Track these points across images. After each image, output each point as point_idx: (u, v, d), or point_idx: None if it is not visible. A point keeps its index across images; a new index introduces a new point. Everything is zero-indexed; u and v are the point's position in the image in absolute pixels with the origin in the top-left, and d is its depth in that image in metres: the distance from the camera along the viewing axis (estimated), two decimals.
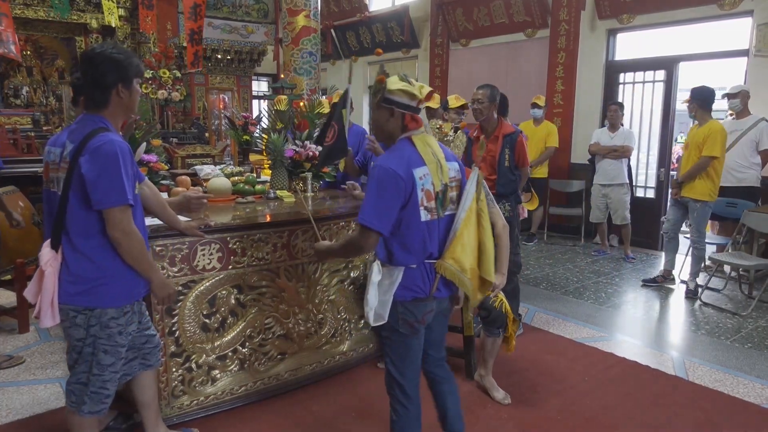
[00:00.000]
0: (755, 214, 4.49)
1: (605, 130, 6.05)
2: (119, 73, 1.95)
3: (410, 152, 1.91)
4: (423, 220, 1.90)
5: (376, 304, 1.95)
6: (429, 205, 1.91)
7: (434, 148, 1.97)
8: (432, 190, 1.91)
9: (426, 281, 1.96)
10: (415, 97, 1.92)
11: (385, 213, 1.84)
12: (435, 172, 1.92)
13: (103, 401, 2.08)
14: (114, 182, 1.87)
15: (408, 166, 1.86)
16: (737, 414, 2.82)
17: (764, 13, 5.23)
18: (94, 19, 6.97)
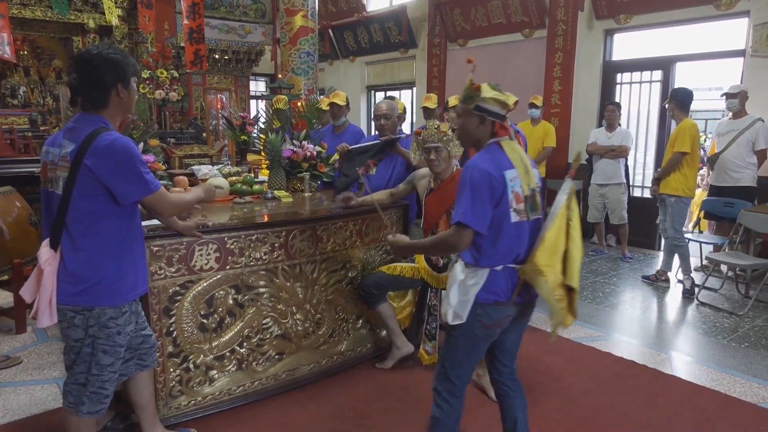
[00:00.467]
0: (752, 214, 4.50)
1: (603, 130, 6.07)
2: (118, 73, 1.96)
3: (500, 155, 1.96)
4: (513, 221, 1.94)
5: (456, 303, 1.96)
6: (518, 207, 1.95)
7: (521, 154, 2.01)
8: (521, 193, 1.95)
9: (509, 285, 1.97)
10: (506, 106, 1.98)
11: (481, 212, 1.88)
12: (523, 176, 1.97)
13: (102, 401, 2.07)
14: (136, 175, 1.92)
15: (500, 168, 1.92)
16: (734, 413, 2.83)
17: (760, 14, 5.25)
18: (92, 19, 6.96)
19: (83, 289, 1.94)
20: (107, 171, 1.88)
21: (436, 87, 8.66)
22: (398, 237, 2.28)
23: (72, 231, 1.93)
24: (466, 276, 1.96)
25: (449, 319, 1.97)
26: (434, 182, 3.04)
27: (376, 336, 3.41)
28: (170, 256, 2.48)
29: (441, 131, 2.90)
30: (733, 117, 5.14)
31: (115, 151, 1.88)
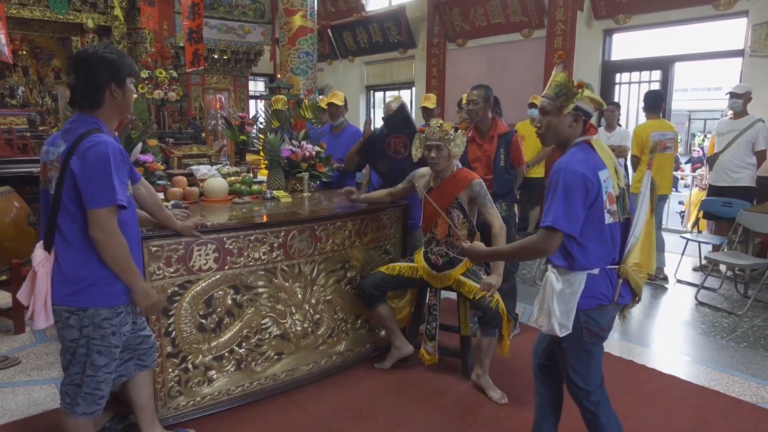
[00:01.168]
0: (750, 214, 4.51)
1: (602, 130, 6.06)
2: (112, 72, 1.95)
3: (593, 155, 1.92)
4: (607, 223, 1.90)
5: (559, 314, 1.90)
6: (612, 209, 1.92)
7: (610, 152, 1.98)
8: (613, 194, 1.92)
9: (609, 287, 1.94)
10: (601, 105, 1.98)
11: (574, 215, 1.83)
12: (614, 175, 1.94)
13: (97, 402, 2.07)
14: (104, 182, 1.86)
15: (594, 169, 1.87)
16: (732, 413, 2.83)
17: (759, 14, 5.25)
18: (90, 19, 6.96)
19: (78, 289, 1.93)
20: (81, 173, 1.86)
21: (435, 87, 8.66)
22: (475, 244, 2.20)
23: (65, 232, 1.93)
24: (563, 284, 1.90)
25: (557, 332, 1.90)
26: (434, 181, 3.04)
27: (375, 336, 3.41)
28: (169, 257, 2.48)
29: (443, 130, 2.90)
30: (734, 117, 5.14)
31: (92, 154, 1.85)
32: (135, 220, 2.13)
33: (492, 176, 3.62)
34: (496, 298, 2.85)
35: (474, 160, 3.70)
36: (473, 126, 3.77)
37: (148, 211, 2.35)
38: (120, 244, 1.93)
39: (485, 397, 2.94)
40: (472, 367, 3.11)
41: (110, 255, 1.92)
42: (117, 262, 1.94)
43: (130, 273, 1.99)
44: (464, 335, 3.18)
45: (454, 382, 3.11)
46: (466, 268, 3.00)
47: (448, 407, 2.85)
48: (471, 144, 3.75)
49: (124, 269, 1.97)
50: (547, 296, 1.92)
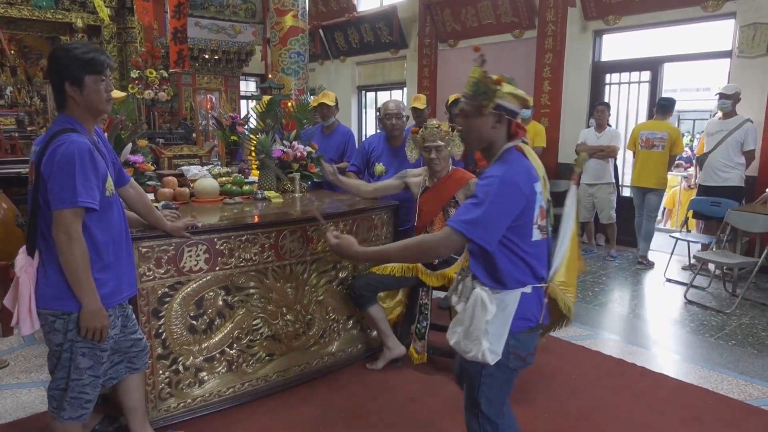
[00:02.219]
0: (739, 213, 4.55)
1: (592, 130, 6.10)
2: (67, 69, 1.86)
3: (527, 164, 1.74)
4: (534, 240, 1.73)
5: (493, 339, 1.69)
6: (542, 224, 1.75)
7: (539, 161, 1.80)
8: (545, 207, 1.77)
9: (539, 307, 1.79)
10: (526, 102, 1.77)
11: (493, 226, 1.63)
12: (544, 187, 1.78)
13: (84, 406, 2.03)
14: (66, 183, 1.79)
15: (529, 180, 1.69)
16: (721, 410, 2.86)
17: (746, 15, 5.31)
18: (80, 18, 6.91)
19: (62, 293, 1.90)
20: (47, 174, 1.82)
21: (427, 87, 8.67)
22: (343, 239, 1.94)
23: (47, 235, 1.89)
24: (497, 305, 1.70)
25: (488, 360, 1.70)
26: (430, 181, 3.05)
27: (366, 336, 3.41)
28: (159, 258, 2.46)
29: (442, 130, 2.91)
30: (723, 117, 5.19)
31: (57, 155, 1.81)
32: (122, 222, 2.09)
33: None
34: None
35: (480, 159, 3.72)
36: None
37: (137, 212, 2.33)
38: (80, 250, 1.83)
39: None
40: None
41: (67, 260, 1.83)
42: (72, 269, 1.83)
43: (84, 285, 1.86)
44: None
45: (445, 382, 3.11)
46: (461, 267, 3.01)
47: (440, 407, 2.85)
48: None
49: (78, 279, 1.84)
50: (478, 319, 1.69)
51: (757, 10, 5.24)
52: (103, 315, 1.94)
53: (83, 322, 1.91)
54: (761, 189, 5.02)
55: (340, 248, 1.93)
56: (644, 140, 5.61)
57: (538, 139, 6.45)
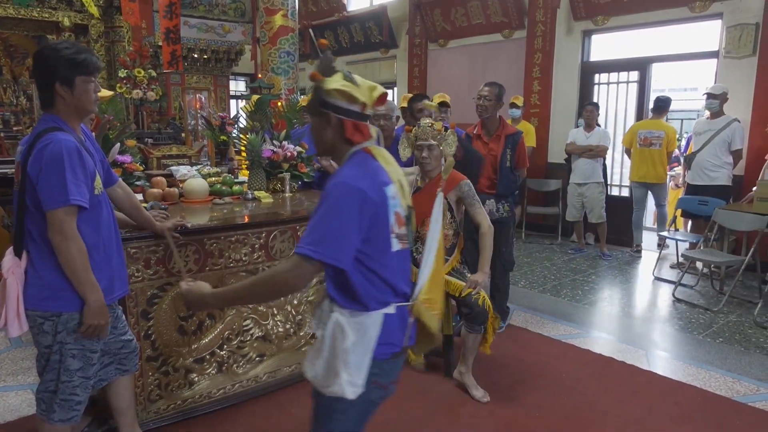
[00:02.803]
0: (726, 212, 4.60)
1: (581, 129, 6.14)
2: (58, 69, 1.85)
3: (375, 166, 1.54)
4: (394, 250, 1.53)
5: (353, 370, 1.45)
6: (400, 232, 1.55)
7: (395, 164, 1.60)
8: (402, 214, 1.56)
9: (403, 329, 1.58)
10: (355, 100, 1.49)
11: (337, 240, 1.41)
12: (401, 191, 1.58)
13: (74, 408, 2.01)
14: (57, 182, 1.78)
15: (378, 183, 1.50)
16: (709, 407, 2.88)
17: (733, 16, 5.36)
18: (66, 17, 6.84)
19: (51, 294, 1.88)
20: (35, 174, 1.80)
21: (417, 87, 8.68)
22: (194, 286, 1.63)
23: (35, 236, 1.87)
24: (356, 331, 1.47)
25: (347, 394, 1.45)
26: (421, 180, 3.05)
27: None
28: (148, 258, 2.44)
29: (435, 129, 2.90)
30: (711, 117, 5.24)
31: (45, 154, 1.79)
32: (111, 221, 2.08)
33: (497, 176, 3.63)
34: (483, 295, 2.87)
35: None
36: (479, 123, 3.77)
37: (125, 212, 2.31)
38: (77, 248, 1.83)
39: (468, 395, 2.95)
40: (454, 366, 3.12)
41: (65, 259, 1.82)
42: (72, 268, 1.83)
43: (86, 282, 1.86)
44: (446, 334, 3.19)
45: (436, 381, 3.12)
46: (452, 267, 3.01)
47: (431, 406, 2.86)
48: (476, 141, 3.75)
49: (79, 277, 1.85)
50: (336, 348, 1.46)
51: (744, 11, 5.30)
52: (106, 311, 1.95)
53: (87, 318, 1.90)
54: (748, 188, 5.07)
55: (189, 295, 1.61)
56: (642, 139, 5.85)
57: (528, 138, 6.48)
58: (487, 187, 3.60)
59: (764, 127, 5.21)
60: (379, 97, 1.54)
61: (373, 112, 3.72)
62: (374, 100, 1.54)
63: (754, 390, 3.08)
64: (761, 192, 4.43)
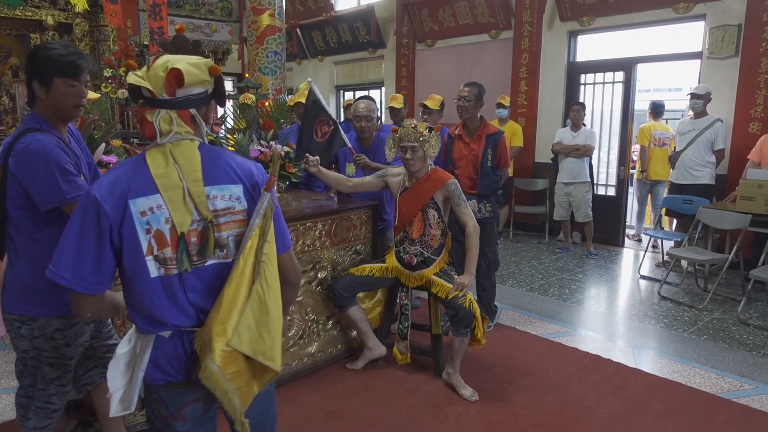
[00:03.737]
0: (709, 211, 4.66)
1: (568, 129, 6.19)
2: (38, 68, 1.82)
3: (131, 170, 1.31)
4: (154, 276, 1.30)
5: (120, 387, 1.37)
6: (162, 255, 1.30)
7: (183, 166, 1.32)
8: (168, 232, 1.30)
9: (182, 357, 1.35)
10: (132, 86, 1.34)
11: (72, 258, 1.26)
12: (177, 204, 1.30)
13: (49, 416, 1.98)
14: (48, 182, 1.75)
15: (115, 193, 1.27)
16: (694, 403, 2.92)
17: (716, 17, 5.43)
18: (50, 16, 6.75)
19: (28, 297, 1.85)
20: (23, 176, 1.77)
21: (405, 87, 8.69)
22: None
23: (15, 239, 1.85)
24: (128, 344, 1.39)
25: (113, 409, 1.38)
26: (409, 181, 3.05)
27: (346, 337, 3.40)
28: None
29: (418, 131, 2.91)
30: (695, 117, 5.31)
31: (28, 154, 1.76)
32: None
33: (478, 176, 3.64)
34: (469, 297, 2.88)
35: (459, 158, 3.71)
36: (461, 123, 3.78)
37: None
38: None
39: (456, 394, 2.96)
40: (443, 366, 3.13)
41: None
42: None
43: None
44: (435, 334, 3.21)
45: (425, 381, 3.12)
46: (439, 268, 3.02)
47: (420, 406, 2.86)
48: (457, 142, 3.76)
49: None
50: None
51: (726, 13, 5.37)
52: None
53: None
54: (731, 187, 5.14)
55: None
56: (657, 139, 6.33)
57: (516, 138, 6.53)
58: (468, 187, 3.61)
59: (746, 127, 5.29)
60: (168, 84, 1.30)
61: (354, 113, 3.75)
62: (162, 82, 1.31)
63: (737, 386, 3.12)
64: (744, 191, 4.49)
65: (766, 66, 5.12)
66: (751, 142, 5.05)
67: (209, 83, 1.38)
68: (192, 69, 1.32)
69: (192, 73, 1.32)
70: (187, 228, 1.31)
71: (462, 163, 3.70)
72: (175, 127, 1.32)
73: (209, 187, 1.33)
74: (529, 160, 7.06)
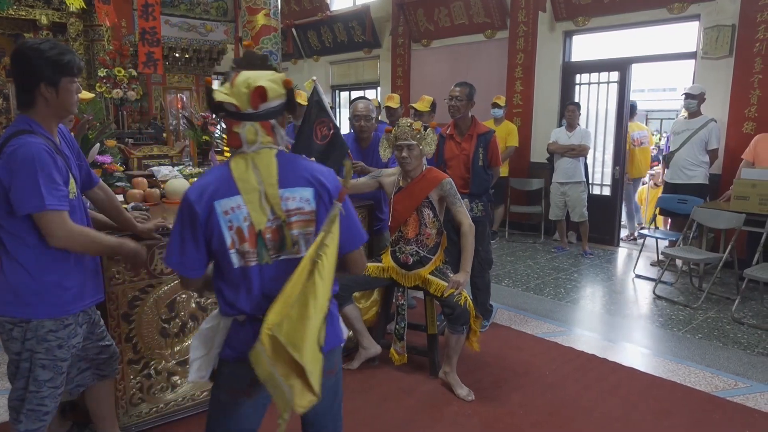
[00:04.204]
0: (704, 210, 4.68)
1: (563, 129, 6.20)
2: (43, 71, 1.81)
3: (220, 175, 1.51)
4: (236, 267, 1.50)
5: (200, 355, 1.61)
6: (243, 249, 1.49)
7: (262, 172, 1.49)
8: (247, 229, 1.48)
9: (252, 341, 1.42)
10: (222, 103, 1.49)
11: (177, 249, 1.51)
12: (255, 205, 1.48)
13: (41, 419, 1.96)
14: (30, 186, 1.74)
15: (205, 194, 1.47)
16: (689, 402, 2.93)
17: (710, 18, 5.46)
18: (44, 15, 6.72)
19: (19, 300, 1.83)
20: (7, 178, 1.76)
21: (400, 87, 8.69)
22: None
23: (5, 241, 1.83)
24: (211, 322, 1.62)
25: (191, 376, 1.63)
26: (403, 180, 3.05)
27: None
28: None
29: (414, 129, 2.90)
30: (689, 116, 5.33)
31: (16, 157, 1.74)
32: (84, 224, 2.02)
33: (470, 176, 3.65)
34: (464, 295, 2.88)
35: (451, 158, 3.72)
36: (452, 123, 3.79)
37: (106, 214, 2.27)
38: (81, 236, 1.86)
39: (452, 394, 2.96)
40: (439, 365, 3.14)
41: (81, 250, 1.91)
42: (92, 251, 1.96)
43: (110, 248, 2.00)
44: (431, 333, 3.21)
45: (421, 381, 3.13)
46: (435, 267, 3.03)
47: (416, 405, 2.86)
48: (449, 141, 3.76)
49: (103, 250, 2.02)
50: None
51: (720, 13, 5.39)
52: (140, 249, 2.10)
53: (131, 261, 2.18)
54: (725, 187, 5.17)
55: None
56: (635, 139, 6.58)
57: (511, 138, 6.54)
58: (460, 186, 3.62)
59: (740, 127, 5.31)
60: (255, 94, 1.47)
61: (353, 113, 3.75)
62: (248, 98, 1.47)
63: (732, 384, 3.14)
64: (738, 190, 4.51)
65: (760, 66, 5.14)
66: (744, 142, 5.07)
67: (284, 95, 1.54)
68: (273, 85, 1.49)
69: (273, 88, 1.49)
70: (264, 226, 1.49)
71: (454, 163, 3.70)
72: (259, 137, 1.50)
73: (283, 189, 1.51)
74: (524, 160, 7.07)
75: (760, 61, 5.14)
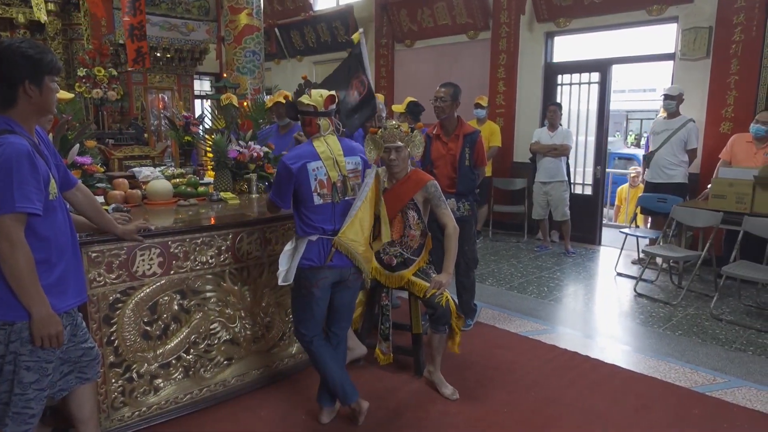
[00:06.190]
0: (683, 209, 4.76)
1: (545, 129, 6.26)
2: (27, 69, 1.80)
3: (307, 149, 2.47)
4: (316, 204, 2.44)
5: (285, 268, 2.48)
6: (323, 192, 2.44)
7: (332, 147, 2.49)
8: (326, 180, 2.44)
9: (321, 254, 2.46)
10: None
11: (281, 193, 2.49)
12: (331, 166, 2.45)
13: (27, 422, 1.93)
14: (3, 188, 1.71)
15: (300, 159, 2.41)
16: (669, 397, 2.98)
17: (688, 20, 5.55)
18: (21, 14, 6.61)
19: (5, 302, 1.80)
20: None
21: (384, 87, 8.69)
22: None
23: None
24: (293, 245, 2.50)
25: (279, 280, 2.47)
26: (388, 182, 3.05)
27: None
28: (110, 262, 2.38)
29: (402, 131, 2.89)
30: (668, 117, 5.42)
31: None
32: (67, 226, 1.99)
33: (456, 175, 3.67)
34: (446, 295, 2.89)
35: (438, 158, 3.74)
36: (438, 123, 3.80)
37: (86, 215, 2.24)
38: (24, 257, 1.75)
39: (437, 393, 2.97)
40: (423, 365, 3.15)
41: (11, 268, 1.75)
42: (17, 277, 1.76)
43: (32, 293, 1.79)
44: (416, 333, 3.21)
45: (406, 380, 3.13)
46: (418, 268, 3.03)
47: (401, 405, 2.87)
48: (435, 142, 3.78)
49: (25, 287, 1.77)
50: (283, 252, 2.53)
51: (697, 15, 5.49)
52: (56, 320, 1.87)
53: (36, 330, 1.83)
54: (703, 186, 5.26)
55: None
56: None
57: (494, 138, 6.58)
58: (447, 186, 3.65)
59: (717, 127, 5.41)
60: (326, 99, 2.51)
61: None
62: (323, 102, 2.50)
63: (711, 380, 3.20)
64: (715, 189, 4.60)
65: (736, 67, 5.25)
66: (722, 142, 5.17)
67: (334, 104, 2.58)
68: (333, 95, 2.56)
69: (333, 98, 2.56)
70: (336, 179, 2.47)
71: (440, 163, 3.72)
72: (329, 126, 2.53)
73: (344, 157, 2.51)
74: (507, 159, 7.12)
75: (736, 63, 5.24)
